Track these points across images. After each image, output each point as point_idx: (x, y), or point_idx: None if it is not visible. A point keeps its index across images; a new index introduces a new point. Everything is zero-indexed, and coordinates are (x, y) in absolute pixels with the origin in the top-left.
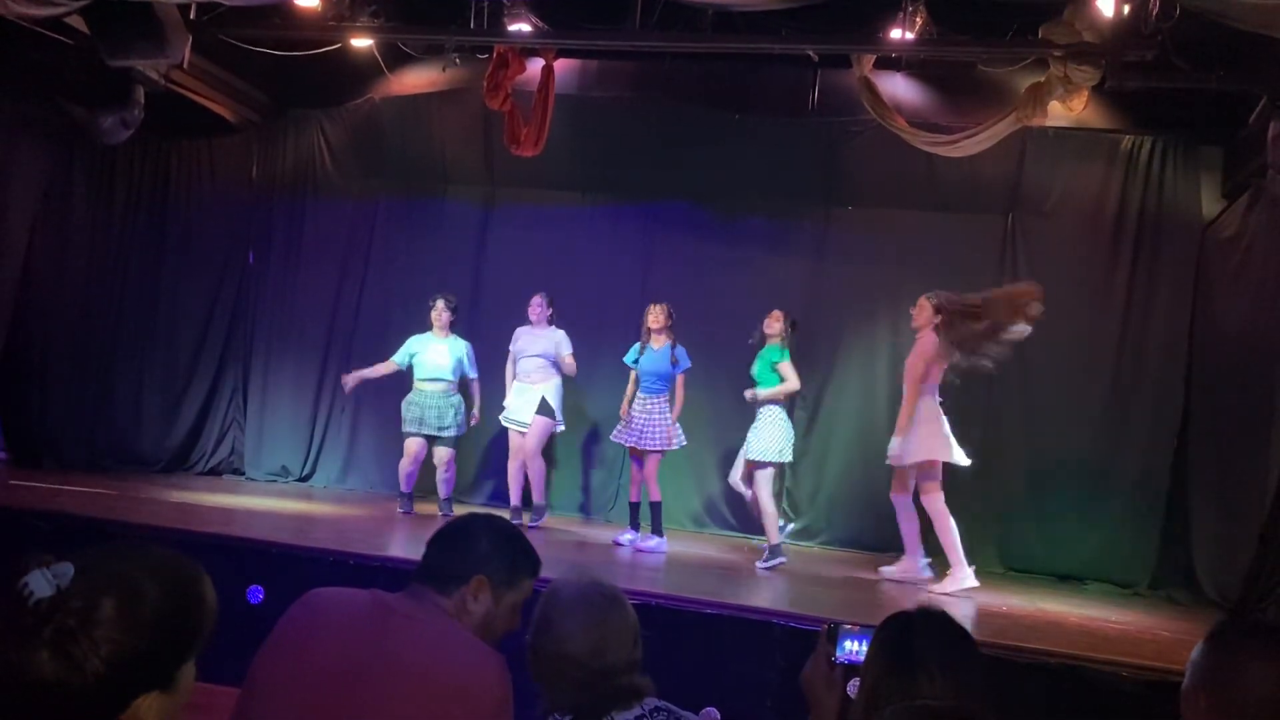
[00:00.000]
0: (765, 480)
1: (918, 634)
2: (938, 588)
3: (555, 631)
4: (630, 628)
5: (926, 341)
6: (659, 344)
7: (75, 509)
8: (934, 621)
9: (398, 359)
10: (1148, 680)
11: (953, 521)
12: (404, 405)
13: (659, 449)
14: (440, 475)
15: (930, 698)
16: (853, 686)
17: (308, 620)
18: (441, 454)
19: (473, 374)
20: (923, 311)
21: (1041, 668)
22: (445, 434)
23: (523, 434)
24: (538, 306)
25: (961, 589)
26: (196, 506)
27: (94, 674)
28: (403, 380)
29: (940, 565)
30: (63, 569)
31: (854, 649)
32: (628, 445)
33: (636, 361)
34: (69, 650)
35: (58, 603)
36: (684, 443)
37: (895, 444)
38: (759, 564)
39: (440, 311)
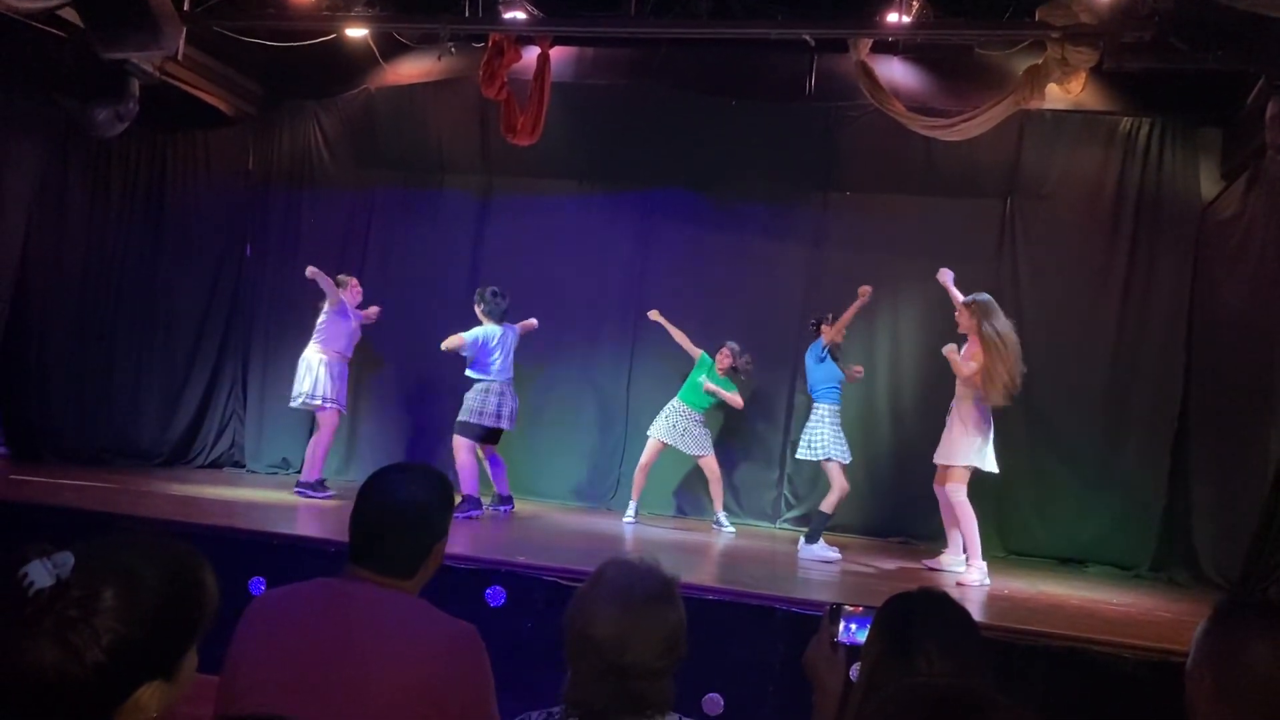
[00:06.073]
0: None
1: (917, 616)
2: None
3: (587, 610)
4: (667, 631)
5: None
6: None
7: (77, 503)
8: (934, 603)
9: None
10: (1149, 661)
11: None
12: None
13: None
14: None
15: (930, 678)
16: (855, 670)
17: (266, 624)
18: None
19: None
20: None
21: (1043, 650)
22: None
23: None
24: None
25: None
26: (197, 499)
27: (95, 663)
28: (401, 379)
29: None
30: (63, 558)
31: (856, 630)
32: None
33: None
34: (69, 640)
35: (58, 592)
36: None
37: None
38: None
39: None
